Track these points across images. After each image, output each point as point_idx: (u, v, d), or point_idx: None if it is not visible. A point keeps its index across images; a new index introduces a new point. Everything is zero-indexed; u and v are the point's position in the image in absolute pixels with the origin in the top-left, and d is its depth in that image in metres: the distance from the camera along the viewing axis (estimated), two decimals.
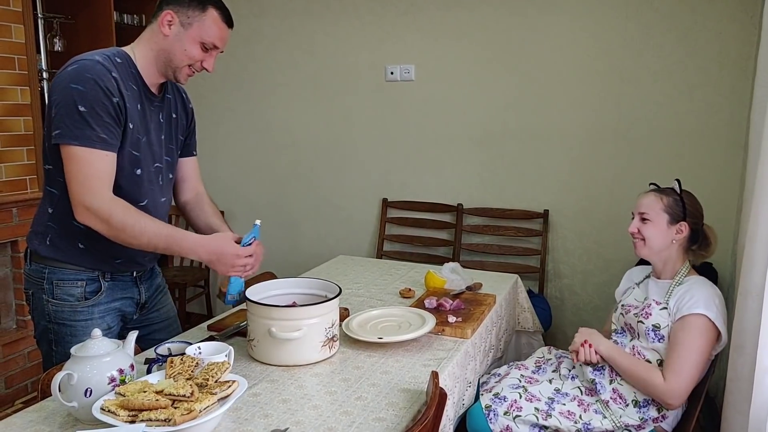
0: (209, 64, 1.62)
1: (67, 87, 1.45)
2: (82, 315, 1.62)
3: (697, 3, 2.73)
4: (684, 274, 1.78)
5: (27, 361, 3.05)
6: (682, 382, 1.65)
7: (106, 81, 1.47)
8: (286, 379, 1.49)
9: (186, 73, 1.62)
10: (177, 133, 1.76)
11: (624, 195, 2.95)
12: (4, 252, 2.98)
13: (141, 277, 1.74)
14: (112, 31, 3.47)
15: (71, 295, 1.61)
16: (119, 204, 1.49)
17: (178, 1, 1.56)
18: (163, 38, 1.57)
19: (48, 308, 1.61)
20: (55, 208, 1.57)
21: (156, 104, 1.66)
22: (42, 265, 1.61)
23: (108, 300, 1.66)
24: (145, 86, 1.61)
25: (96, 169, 1.46)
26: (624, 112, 2.93)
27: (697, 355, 1.66)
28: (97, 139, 1.45)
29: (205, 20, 1.56)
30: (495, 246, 3.24)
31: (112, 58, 1.53)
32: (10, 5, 2.87)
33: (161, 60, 1.59)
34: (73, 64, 1.49)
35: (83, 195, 1.45)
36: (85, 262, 1.61)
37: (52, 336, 1.63)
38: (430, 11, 3.22)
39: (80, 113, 1.44)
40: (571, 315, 3.16)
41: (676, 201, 1.76)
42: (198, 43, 1.57)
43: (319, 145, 3.60)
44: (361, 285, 2.28)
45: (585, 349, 1.78)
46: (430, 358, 1.63)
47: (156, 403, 1.15)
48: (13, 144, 2.94)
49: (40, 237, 1.61)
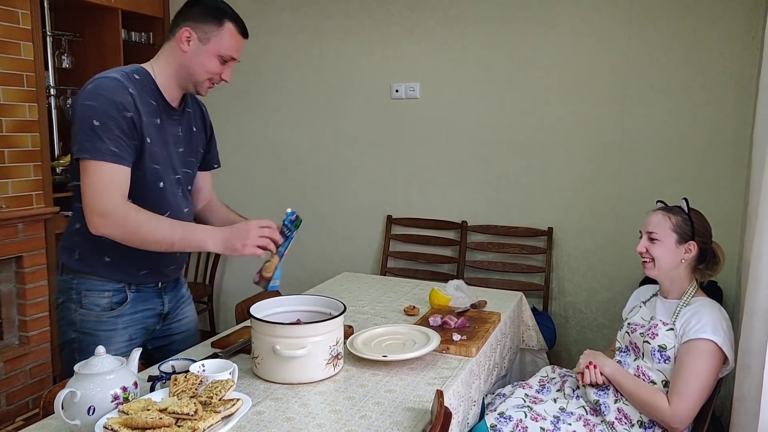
0: (227, 75, 1.67)
1: (83, 104, 1.51)
2: (106, 325, 1.67)
3: (700, 23, 2.76)
4: (691, 294, 1.77)
5: (29, 378, 3.04)
6: (687, 406, 1.64)
7: (120, 97, 1.51)
8: (290, 397, 1.48)
9: (206, 86, 1.67)
10: (197, 146, 1.81)
11: (628, 213, 2.94)
12: (9, 268, 2.98)
13: (165, 288, 1.78)
14: (119, 49, 3.51)
15: (97, 305, 1.66)
16: (131, 206, 1.53)
17: (195, 17, 1.60)
18: (181, 54, 1.61)
19: (75, 317, 1.67)
20: (82, 224, 1.60)
21: (175, 118, 1.70)
22: (71, 276, 1.67)
23: (132, 311, 1.70)
24: (164, 101, 1.65)
25: (107, 178, 1.50)
26: (628, 130, 2.94)
27: (703, 380, 1.64)
28: (107, 152, 1.49)
29: (222, 34, 1.60)
30: (499, 263, 3.23)
31: (131, 75, 1.57)
32: (19, 23, 2.91)
33: (181, 75, 1.64)
34: (92, 82, 1.54)
35: (95, 203, 1.49)
36: (111, 274, 1.66)
37: (76, 345, 1.67)
38: (434, 30, 3.25)
39: (93, 128, 1.48)
40: (575, 333, 3.15)
41: (684, 220, 1.76)
42: (216, 56, 1.61)
43: (324, 162, 3.62)
44: (365, 302, 2.28)
45: (590, 371, 1.77)
46: (435, 377, 1.62)
47: (159, 421, 1.14)
48: (20, 160, 2.96)
49: (69, 252, 1.67)
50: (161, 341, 1.83)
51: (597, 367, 1.76)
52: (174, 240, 1.53)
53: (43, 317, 3.10)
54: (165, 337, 1.83)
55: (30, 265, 3.01)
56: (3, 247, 2.86)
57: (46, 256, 3.08)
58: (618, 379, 1.74)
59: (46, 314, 3.11)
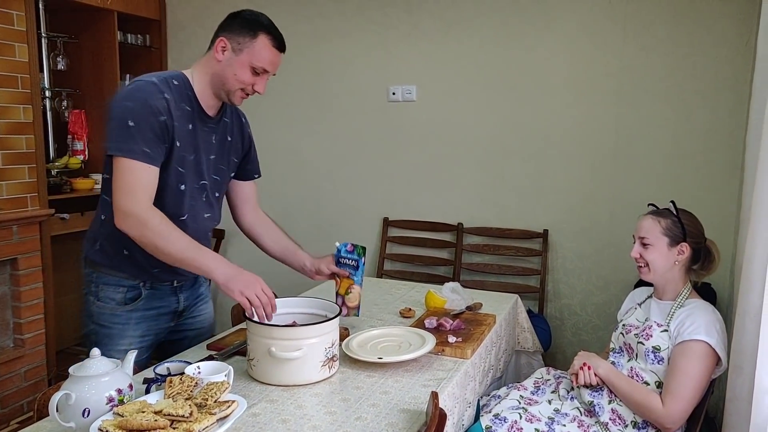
0: (260, 87, 1.69)
1: (121, 104, 1.57)
2: (120, 318, 1.73)
3: (694, 28, 2.77)
4: (685, 296, 1.78)
5: (23, 381, 3.03)
6: (680, 407, 1.65)
7: (156, 101, 1.57)
8: (285, 398, 1.48)
9: (239, 95, 1.70)
10: (230, 155, 1.85)
11: (623, 215, 2.96)
12: (4, 270, 2.98)
13: (182, 286, 1.83)
14: (115, 51, 3.51)
15: (113, 299, 1.73)
16: (157, 212, 1.57)
17: (232, 28, 1.65)
18: (216, 63, 1.66)
19: (93, 309, 1.75)
20: (107, 215, 1.67)
21: (210, 125, 1.75)
22: (91, 270, 1.75)
23: (145, 308, 1.76)
24: (199, 107, 1.70)
25: (138, 178, 1.55)
26: (623, 133, 2.96)
27: (696, 381, 1.65)
28: (139, 152, 1.55)
29: (255, 46, 1.63)
30: (495, 266, 3.24)
31: (169, 81, 1.63)
32: (14, 25, 2.91)
33: (216, 84, 1.68)
34: (131, 84, 1.62)
35: (124, 201, 1.54)
36: (127, 269, 1.72)
37: (93, 337, 1.75)
38: (431, 33, 3.26)
39: (128, 127, 1.54)
40: (570, 335, 3.16)
41: (674, 222, 1.77)
42: (248, 67, 1.64)
43: (321, 164, 3.62)
44: (362, 304, 2.28)
45: (584, 372, 1.78)
46: (430, 378, 1.63)
47: (155, 423, 1.14)
48: (15, 162, 2.96)
49: (92, 242, 1.75)
50: (174, 335, 1.89)
51: (591, 368, 1.77)
52: (184, 258, 1.56)
53: (38, 320, 3.09)
54: (179, 332, 1.89)
55: (25, 268, 3.00)
56: None
57: (41, 258, 3.08)
58: (612, 380, 1.75)
59: (41, 317, 3.10)
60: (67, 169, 3.48)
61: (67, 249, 3.54)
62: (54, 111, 3.52)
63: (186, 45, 3.81)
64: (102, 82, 3.55)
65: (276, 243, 1.96)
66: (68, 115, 3.55)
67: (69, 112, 3.55)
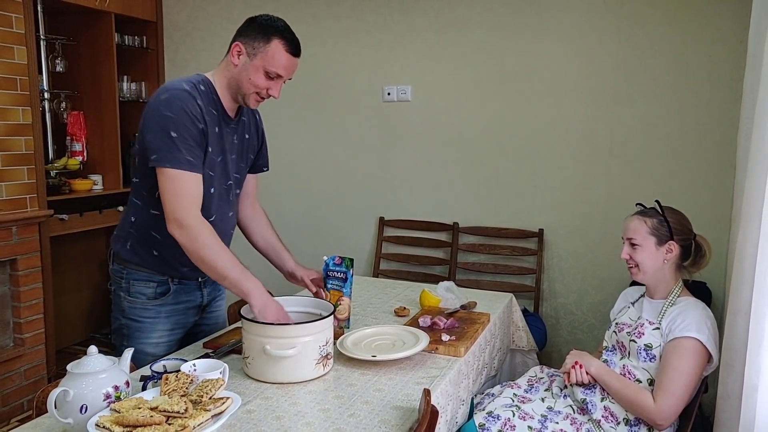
0: (275, 91, 1.72)
1: (160, 114, 1.60)
2: (150, 312, 1.80)
3: (688, 27, 2.79)
4: (677, 294, 1.80)
5: (23, 380, 3.05)
6: (671, 403, 1.66)
7: (193, 109, 1.62)
8: (280, 396, 1.50)
9: (254, 99, 1.73)
10: (248, 153, 1.91)
11: (618, 215, 2.96)
12: (3, 270, 3.00)
13: (205, 282, 1.90)
14: (113, 53, 3.53)
15: (143, 293, 1.79)
16: (207, 225, 1.63)
17: (247, 33, 1.68)
18: (233, 67, 1.70)
19: (124, 305, 1.80)
20: (137, 218, 1.77)
21: (232, 126, 1.79)
22: (122, 266, 1.80)
23: (174, 302, 1.83)
24: (223, 110, 1.74)
25: (187, 188, 1.61)
26: (617, 133, 2.98)
27: (687, 378, 1.67)
28: (185, 162, 1.60)
29: (268, 50, 1.67)
30: (490, 265, 3.26)
31: (197, 86, 1.67)
32: (13, 27, 2.92)
33: (232, 87, 1.72)
34: (164, 93, 1.63)
35: (176, 211, 1.60)
36: (157, 266, 1.78)
37: (125, 331, 1.81)
38: (426, 34, 3.28)
39: (171, 138, 1.59)
40: (566, 334, 3.17)
41: (660, 222, 1.79)
42: (262, 71, 1.67)
43: (316, 164, 3.64)
44: (356, 303, 2.29)
45: (576, 371, 1.80)
46: (423, 376, 1.64)
47: (150, 419, 1.16)
48: (14, 163, 2.97)
49: (122, 241, 1.80)
50: (193, 329, 1.94)
51: (582, 367, 1.79)
52: (228, 275, 1.61)
53: (38, 319, 3.11)
54: (196, 326, 1.94)
55: (24, 268, 3.02)
56: None
57: (40, 258, 3.10)
58: (604, 378, 1.77)
59: (41, 316, 3.12)
60: (66, 170, 3.49)
61: (66, 249, 3.56)
62: (53, 112, 3.54)
63: (181, 45, 3.83)
64: (100, 84, 3.57)
65: (263, 239, 2.02)
66: (67, 117, 3.57)
67: (68, 114, 3.57)
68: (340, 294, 1.93)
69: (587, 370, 1.79)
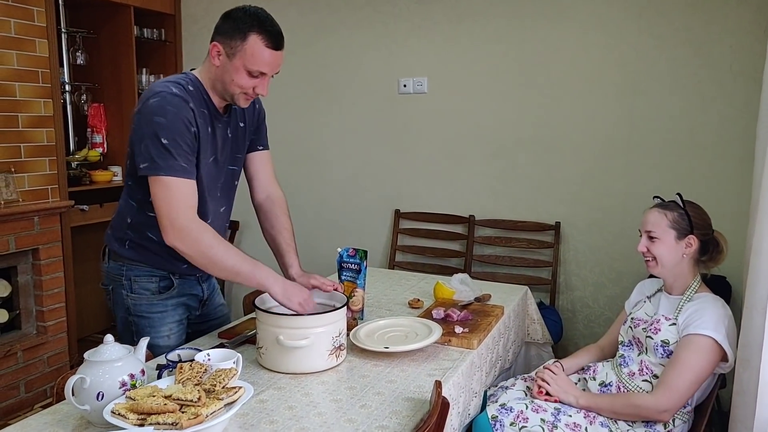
0: (262, 89, 1.64)
1: (151, 120, 1.54)
2: (157, 307, 1.78)
3: (711, 16, 2.74)
4: (694, 289, 1.78)
5: (46, 366, 3.12)
6: (671, 396, 1.65)
7: (185, 113, 1.57)
8: (292, 386, 1.52)
9: (243, 99, 1.66)
10: (245, 140, 1.85)
11: (636, 207, 2.93)
12: (26, 260, 3.06)
13: (202, 277, 1.88)
14: (132, 45, 3.57)
15: (147, 289, 1.77)
16: (207, 227, 1.60)
17: (224, 32, 1.59)
18: (215, 68, 1.63)
19: (127, 302, 1.77)
20: (133, 219, 1.73)
21: (224, 120, 1.74)
22: (120, 263, 1.77)
23: (179, 294, 1.81)
24: (214, 107, 1.69)
25: (182, 194, 1.56)
26: (637, 124, 2.94)
27: (694, 374, 1.65)
28: (179, 168, 1.55)
29: (246, 48, 1.57)
30: (506, 257, 3.24)
31: (186, 87, 1.61)
32: (35, 20, 2.97)
33: (217, 88, 1.66)
34: (154, 97, 1.56)
35: (173, 218, 1.55)
36: (157, 263, 1.76)
37: (133, 328, 1.79)
38: (442, 24, 3.26)
39: (163, 145, 1.53)
40: (582, 327, 3.16)
41: (681, 215, 1.76)
42: (244, 71, 1.59)
43: (332, 156, 3.65)
44: (371, 295, 2.31)
45: (541, 394, 1.80)
46: (436, 368, 1.65)
47: (164, 407, 1.18)
48: (36, 154, 3.03)
49: (120, 241, 1.77)
50: (200, 326, 1.94)
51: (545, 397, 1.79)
52: (240, 271, 1.59)
53: (60, 308, 3.18)
54: (203, 322, 1.94)
55: (46, 257, 3.08)
56: (20, 239, 2.94)
57: (61, 248, 3.16)
58: (592, 407, 1.74)
59: (63, 305, 3.19)
60: (87, 161, 3.55)
61: (87, 239, 3.62)
62: (74, 105, 3.60)
63: (198, 38, 3.86)
64: (120, 76, 3.62)
65: (269, 236, 1.93)
66: (87, 109, 3.62)
67: (88, 106, 3.63)
68: (354, 285, 1.95)
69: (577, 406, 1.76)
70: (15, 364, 2.96)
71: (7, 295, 3.01)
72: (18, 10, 2.89)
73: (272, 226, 1.93)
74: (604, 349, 2.02)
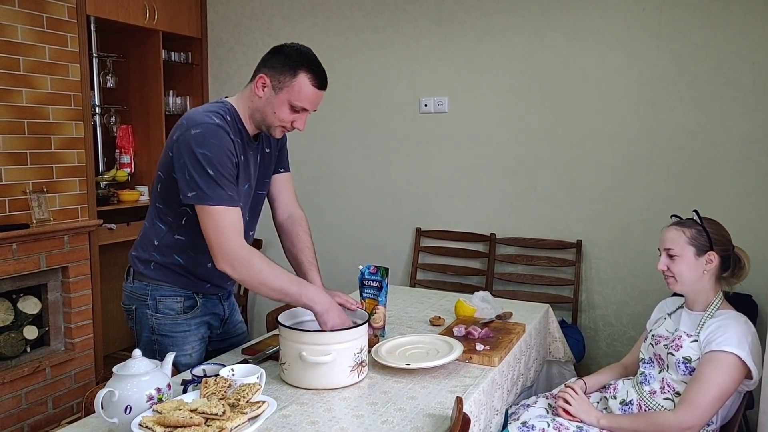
0: (300, 123, 1.70)
1: (195, 151, 1.57)
2: (181, 327, 1.81)
3: (731, 33, 2.74)
4: (716, 306, 1.76)
5: (74, 383, 3.18)
6: (694, 414, 1.63)
7: (228, 144, 1.61)
8: (315, 402, 1.54)
9: (280, 130, 1.72)
10: (271, 165, 1.91)
11: (658, 225, 2.87)
12: (56, 277, 3.14)
13: (223, 296, 1.92)
14: (160, 69, 3.67)
15: (172, 309, 1.79)
16: (255, 252, 1.64)
17: (273, 65, 1.65)
18: (257, 99, 1.68)
19: (152, 321, 1.80)
20: (160, 242, 1.76)
21: (254, 147, 1.79)
22: (146, 283, 1.79)
23: (202, 314, 1.84)
24: (248, 135, 1.74)
25: (231, 222, 1.60)
26: (657, 142, 2.93)
27: (717, 391, 1.63)
28: (227, 198, 1.60)
29: (294, 84, 1.63)
30: (528, 276, 3.24)
31: (225, 118, 1.64)
32: (68, 46, 3.08)
33: (255, 118, 1.71)
34: (196, 127, 1.59)
35: (224, 246, 1.59)
36: (182, 284, 1.79)
37: (156, 347, 1.81)
38: (462, 44, 3.30)
39: (210, 176, 1.57)
40: (605, 346, 3.12)
41: (699, 232, 1.76)
42: (287, 105, 1.65)
43: (354, 175, 3.69)
44: (392, 312, 2.32)
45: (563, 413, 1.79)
46: (457, 385, 1.65)
47: (190, 420, 1.21)
48: (67, 175, 3.12)
49: (145, 262, 1.79)
50: (220, 344, 1.97)
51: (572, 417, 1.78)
52: (290, 291, 1.64)
53: (87, 324, 3.24)
54: (224, 340, 1.97)
55: (75, 275, 3.16)
56: (51, 257, 3.02)
57: (90, 266, 3.23)
58: (613, 427, 1.73)
59: (90, 322, 3.25)
60: (115, 181, 3.64)
61: (114, 258, 3.70)
62: (103, 126, 3.70)
63: (224, 61, 3.95)
64: (148, 99, 3.72)
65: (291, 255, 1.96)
66: (116, 130, 3.73)
67: (117, 127, 3.73)
68: (375, 302, 1.97)
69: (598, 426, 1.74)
70: (44, 380, 3.03)
71: (37, 312, 3.09)
72: (53, 36, 3.00)
73: (294, 244, 1.95)
74: (627, 368, 2.00)
